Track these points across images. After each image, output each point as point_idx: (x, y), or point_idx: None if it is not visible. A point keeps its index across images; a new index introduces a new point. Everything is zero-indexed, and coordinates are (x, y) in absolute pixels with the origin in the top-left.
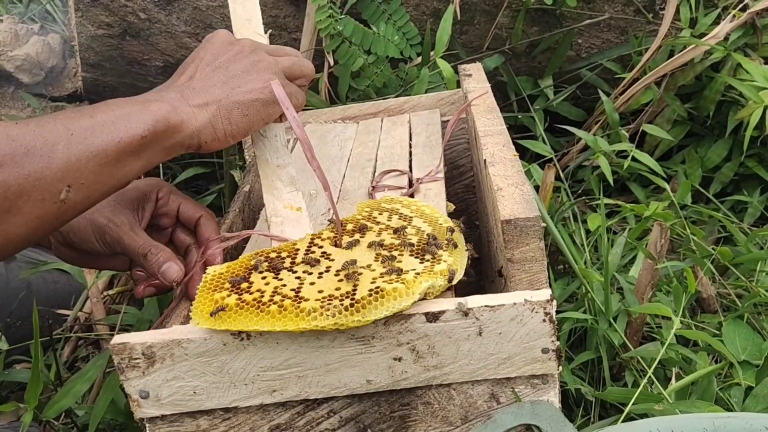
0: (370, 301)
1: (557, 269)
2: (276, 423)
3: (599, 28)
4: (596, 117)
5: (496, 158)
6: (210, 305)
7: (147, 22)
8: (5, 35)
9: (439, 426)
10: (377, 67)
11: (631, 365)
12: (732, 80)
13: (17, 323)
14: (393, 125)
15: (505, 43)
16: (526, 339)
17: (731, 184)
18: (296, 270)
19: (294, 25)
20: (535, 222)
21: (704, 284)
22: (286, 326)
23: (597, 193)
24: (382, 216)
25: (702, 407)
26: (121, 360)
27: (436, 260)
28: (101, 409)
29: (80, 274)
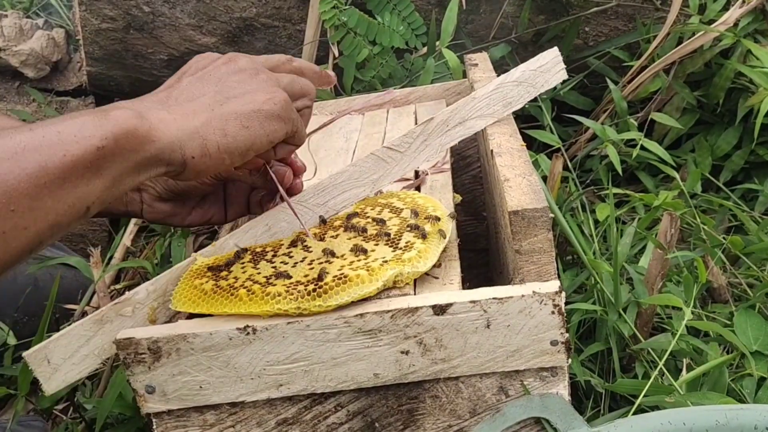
0: (333, 286)
1: (566, 260)
2: (283, 417)
3: (606, 16)
4: (604, 106)
5: (503, 149)
6: (190, 291)
7: (151, 16)
8: (10, 30)
9: (447, 419)
10: (382, 57)
11: (641, 356)
12: (742, 67)
13: (24, 319)
14: (399, 116)
15: (511, 32)
16: (535, 331)
17: (742, 173)
18: (274, 261)
19: (298, 17)
20: (543, 213)
21: (715, 274)
22: (250, 309)
23: (605, 183)
24: (373, 210)
25: (714, 399)
26: (127, 355)
27: (407, 248)
28: (109, 404)
29: (87, 269)
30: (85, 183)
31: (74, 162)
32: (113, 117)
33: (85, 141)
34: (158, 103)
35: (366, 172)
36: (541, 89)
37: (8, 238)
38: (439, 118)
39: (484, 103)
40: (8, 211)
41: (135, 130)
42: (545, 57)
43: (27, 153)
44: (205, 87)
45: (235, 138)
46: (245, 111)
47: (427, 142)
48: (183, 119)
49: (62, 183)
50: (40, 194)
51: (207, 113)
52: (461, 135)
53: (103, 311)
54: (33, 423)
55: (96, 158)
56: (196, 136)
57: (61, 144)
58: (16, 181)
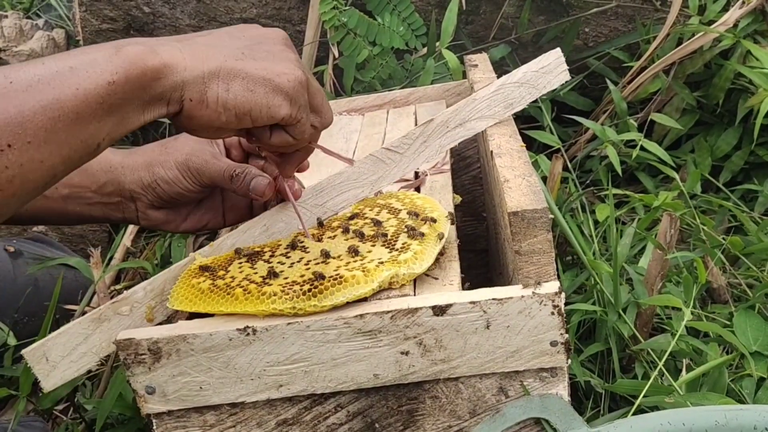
0: (328, 287)
1: (565, 260)
2: (283, 418)
3: (606, 17)
4: (604, 106)
5: (503, 149)
6: (187, 290)
7: (151, 16)
8: (10, 31)
9: (447, 420)
10: (382, 58)
11: (641, 357)
12: (742, 68)
13: (24, 319)
14: (399, 117)
15: (511, 33)
16: (535, 332)
17: (741, 173)
18: (272, 261)
19: (298, 17)
20: (542, 213)
21: (715, 274)
22: (245, 308)
23: (605, 184)
24: (372, 211)
25: (713, 399)
26: (127, 356)
27: (403, 250)
28: (109, 404)
29: (87, 270)
30: (97, 119)
31: (86, 96)
32: (124, 52)
33: (96, 76)
34: (175, 41)
35: (365, 174)
36: (543, 90)
37: (25, 170)
38: (439, 119)
39: (485, 104)
40: (25, 143)
41: (144, 66)
42: (548, 58)
43: (41, 85)
44: (230, 41)
45: (236, 97)
46: (256, 75)
47: (427, 144)
48: (192, 60)
49: (75, 117)
50: (55, 127)
51: (218, 62)
52: (462, 136)
53: (101, 310)
54: (33, 423)
55: (107, 93)
56: (200, 80)
57: (74, 78)
58: (31, 112)
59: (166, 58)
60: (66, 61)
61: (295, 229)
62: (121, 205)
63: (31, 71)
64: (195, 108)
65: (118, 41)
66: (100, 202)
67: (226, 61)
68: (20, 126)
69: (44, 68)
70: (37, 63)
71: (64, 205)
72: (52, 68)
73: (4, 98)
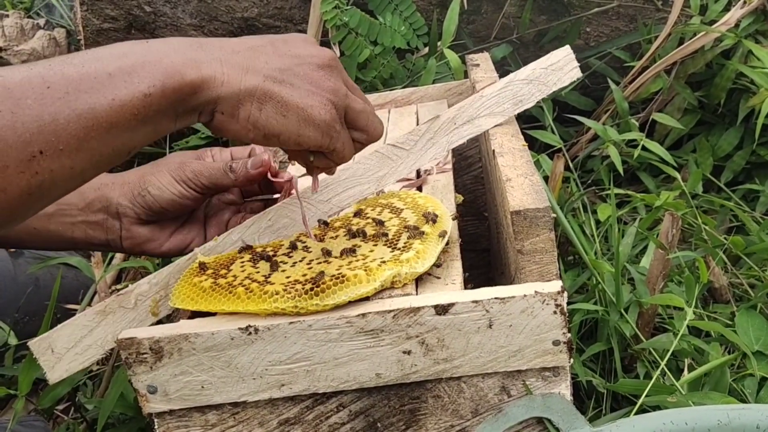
0: (330, 286)
1: (567, 260)
2: (285, 417)
3: (608, 16)
4: (605, 106)
5: (505, 149)
6: (189, 288)
7: (152, 15)
8: (11, 30)
9: (449, 419)
10: (384, 58)
11: (642, 357)
12: (743, 67)
13: (25, 319)
14: (400, 116)
15: (512, 33)
16: (537, 331)
17: (743, 173)
18: (274, 261)
19: (299, 17)
20: (545, 213)
21: (716, 274)
22: (247, 307)
23: (607, 183)
24: (373, 211)
25: (715, 398)
26: (129, 355)
27: (405, 249)
28: (110, 404)
29: (88, 269)
30: (130, 129)
31: (122, 107)
32: (165, 63)
33: (133, 87)
34: (218, 48)
35: (371, 170)
36: (553, 87)
37: (55, 176)
38: (446, 116)
39: (493, 101)
40: (57, 150)
41: (182, 80)
42: (557, 55)
43: (78, 93)
44: (273, 58)
45: (268, 118)
46: (290, 102)
47: (434, 140)
48: (231, 76)
49: (109, 127)
50: (88, 136)
51: (256, 82)
52: (469, 133)
53: (106, 302)
54: (34, 423)
55: (143, 105)
56: (234, 97)
57: (111, 87)
58: (65, 121)
59: (205, 73)
60: (105, 65)
61: (300, 225)
62: (106, 223)
63: (69, 75)
64: (225, 121)
65: (159, 42)
66: (84, 221)
67: (264, 82)
68: (53, 134)
69: (82, 72)
70: (75, 64)
71: (47, 224)
72: (90, 73)
73: (39, 104)
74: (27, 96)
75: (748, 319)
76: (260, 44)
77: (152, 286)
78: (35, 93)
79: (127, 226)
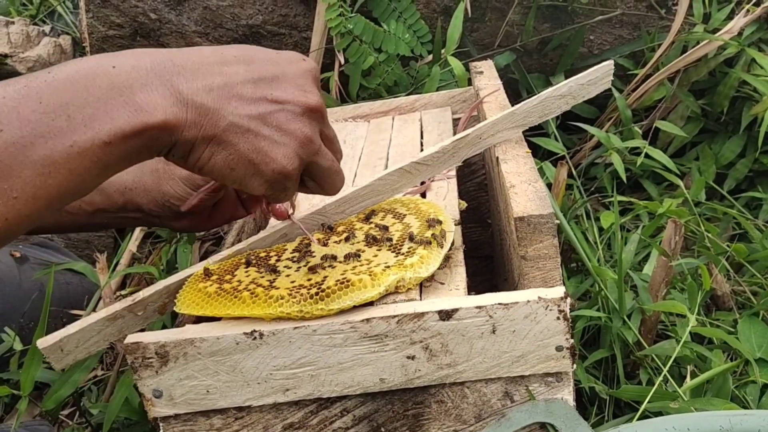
0: (335, 290)
1: (570, 267)
2: (289, 422)
3: (611, 24)
4: (609, 114)
5: (509, 155)
6: (194, 294)
7: (158, 23)
8: (17, 37)
9: (452, 425)
10: (388, 65)
11: (645, 363)
12: (746, 75)
13: (30, 324)
14: (404, 123)
15: (516, 40)
16: (540, 337)
17: (746, 181)
18: (278, 265)
19: (304, 24)
20: (548, 219)
21: (719, 282)
22: (253, 312)
23: (610, 191)
24: (376, 217)
25: (718, 405)
26: (135, 359)
27: (409, 254)
28: (115, 408)
29: (93, 275)
30: (89, 174)
31: (81, 153)
32: (129, 108)
33: (93, 133)
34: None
35: (390, 184)
36: (580, 100)
37: (10, 223)
38: (474, 133)
39: (521, 116)
40: (11, 198)
41: (144, 126)
42: (598, 71)
43: (34, 137)
44: (248, 103)
45: (214, 166)
46: (244, 155)
47: (455, 155)
48: (192, 121)
49: (68, 173)
50: (45, 183)
51: (216, 129)
52: (488, 144)
53: (116, 310)
54: (39, 428)
55: (103, 152)
56: (189, 143)
57: (70, 132)
58: (20, 168)
59: (169, 121)
60: (65, 101)
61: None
62: (146, 217)
63: (24, 115)
64: (174, 161)
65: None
66: (125, 217)
67: (225, 132)
68: (6, 181)
69: (40, 111)
70: (32, 98)
71: (91, 219)
72: (48, 113)
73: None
74: None
75: (751, 326)
76: (241, 82)
77: (161, 296)
78: None
79: (166, 222)
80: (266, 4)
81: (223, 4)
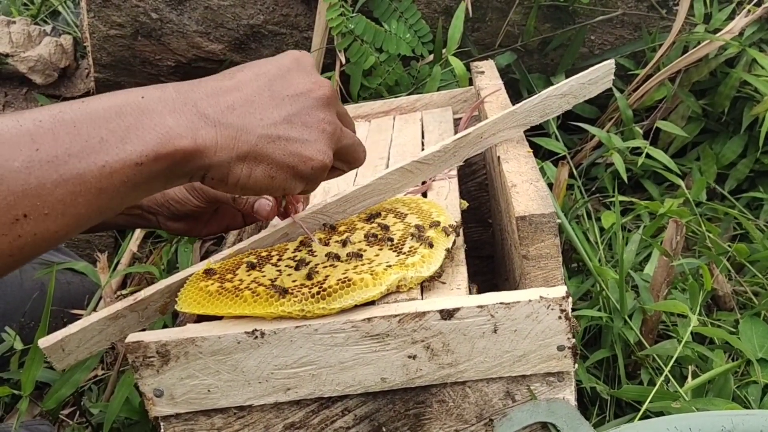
0: (336, 290)
1: (571, 267)
2: (290, 421)
3: (612, 25)
4: (610, 114)
5: (510, 155)
6: (195, 292)
7: (159, 22)
8: (18, 36)
9: (454, 424)
10: (389, 65)
11: (646, 363)
12: (747, 76)
13: (31, 324)
14: (405, 123)
15: (517, 40)
16: (542, 336)
17: (746, 181)
18: (279, 265)
19: (305, 24)
20: (550, 218)
21: (720, 282)
22: (254, 311)
23: (611, 191)
24: (378, 216)
25: (719, 405)
26: (136, 358)
27: (411, 253)
28: (116, 408)
29: (94, 274)
30: (119, 195)
31: (111, 174)
32: (159, 131)
33: (125, 154)
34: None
35: (391, 183)
36: (581, 99)
37: (38, 239)
38: (476, 132)
39: (522, 116)
40: (42, 214)
41: (175, 149)
42: (598, 70)
43: (67, 157)
44: (271, 109)
45: (256, 181)
46: (282, 162)
47: (456, 154)
48: (224, 144)
49: (98, 193)
50: (75, 201)
51: (249, 146)
52: (490, 143)
53: (118, 310)
54: (40, 427)
55: (134, 173)
56: (226, 164)
57: (102, 152)
58: (52, 185)
59: (199, 142)
60: (98, 126)
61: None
62: (143, 216)
63: (59, 136)
64: (214, 184)
65: (155, 99)
66: (124, 214)
67: (257, 144)
68: (39, 198)
69: (74, 134)
70: (66, 122)
71: None
72: (81, 135)
73: (26, 167)
74: (14, 158)
75: (752, 326)
76: (257, 91)
77: (163, 295)
78: (23, 155)
79: (163, 222)
80: (267, 3)
81: (224, 4)
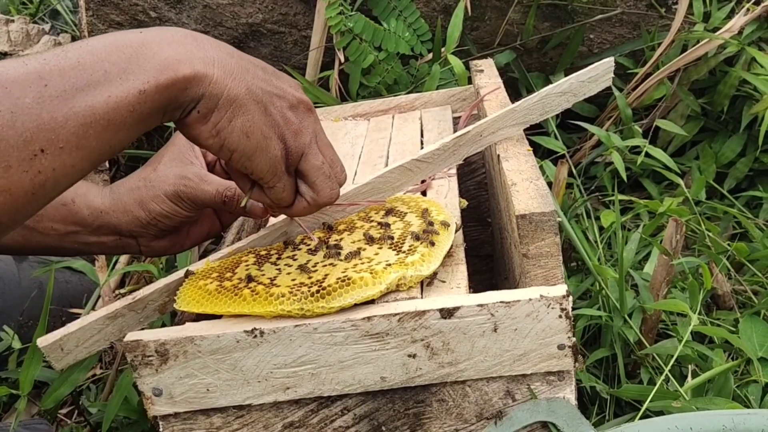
0: (336, 288)
1: (570, 266)
2: (289, 421)
3: (611, 23)
4: (609, 113)
5: (510, 153)
6: (194, 291)
7: (157, 21)
8: (16, 35)
9: (453, 423)
10: (388, 63)
11: (646, 362)
12: (746, 74)
13: (29, 323)
14: (404, 122)
15: (516, 39)
16: (542, 335)
17: (746, 180)
18: (278, 263)
19: (304, 23)
20: (550, 217)
21: (720, 281)
22: (253, 309)
23: (610, 190)
24: (378, 215)
25: (720, 404)
26: (135, 357)
27: (410, 252)
28: (114, 407)
29: (92, 273)
30: (126, 126)
31: (118, 104)
32: (159, 59)
33: (128, 84)
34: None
35: (390, 182)
36: (581, 97)
37: (58, 174)
38: (475, 130)
39: (522, 114)
40: (57, 148)
41: (175, 76)
42: (598, 68)
43: (75, 91)
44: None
45: (232, 132)
46: (258, 125)
47: (456, 152)
48: (220, 78)
49: (107, 125)
50: (87, 133)
51: (240, 91)
52: (489, 142)
53: (116, 309)
54: (38, 426)
55: (138, 101)
56: (215, 99)
57: (108, 84)
58: (64, 119)
59: (198, 69)
60: (101, 59)
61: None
62: (120, 242)
63: (65, 71)
64: (196, 120)
65: (154, 31)
66: (97, 242)
67: (246, 95)
68: (53, 132)
69: (78, 68)
70: (71, 58)
71: (62, 242)
72: (86, 68)
73: (37, 102)
74: (25, 95)
75: (752, 325)
76: (252, 62)
77: (162, 293)
78: (33, 91)
79: (145, 243)
80: (266, 2)
81: (222, 3)
